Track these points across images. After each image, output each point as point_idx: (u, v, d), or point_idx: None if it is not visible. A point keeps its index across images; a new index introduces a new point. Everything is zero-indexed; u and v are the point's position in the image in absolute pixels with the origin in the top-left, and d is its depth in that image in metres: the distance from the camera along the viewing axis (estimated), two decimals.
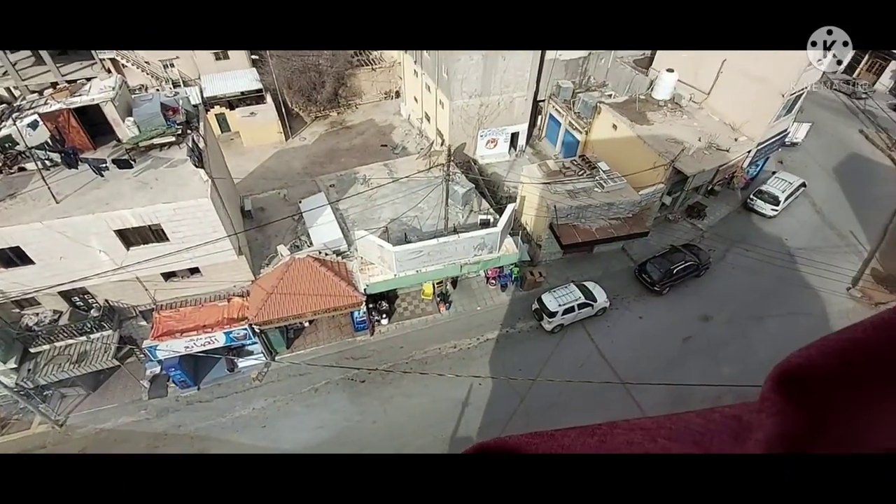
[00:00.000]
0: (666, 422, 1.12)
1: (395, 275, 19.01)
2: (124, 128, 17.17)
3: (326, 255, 19.37)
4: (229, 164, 22.83)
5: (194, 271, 18.59)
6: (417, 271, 19.25)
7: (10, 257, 15.42)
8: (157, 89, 27.67)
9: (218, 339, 17.25)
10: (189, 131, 17.77)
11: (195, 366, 18.55)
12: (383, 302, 20.62)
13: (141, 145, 17.09)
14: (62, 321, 17.69)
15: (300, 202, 23.01)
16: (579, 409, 17.33)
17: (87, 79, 25.76)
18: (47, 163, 16.16)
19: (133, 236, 16.20)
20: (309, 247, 19.94)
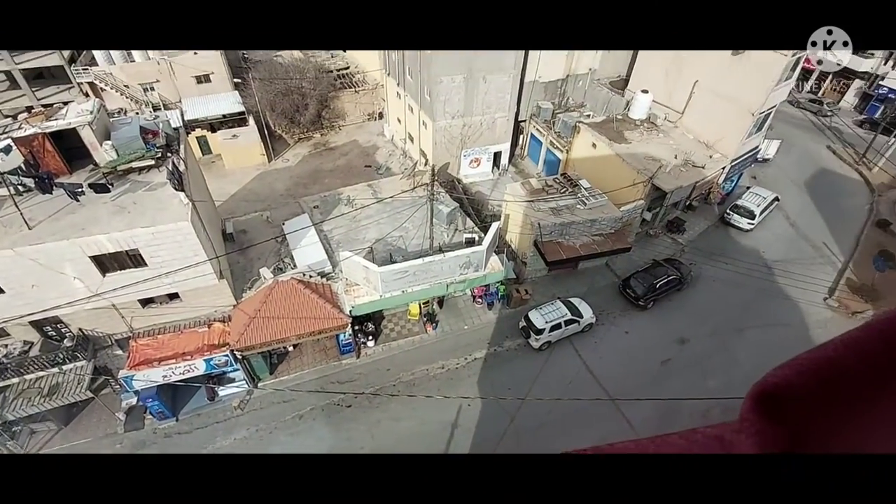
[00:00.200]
0: (650, 445, 1.13)
1: (380, 295, 18.82)
2: (102, 151, 16.88)
3: (311, 277, 19.11)
4: (211, 187, 22.58)
5: (174, 297, 18.12)
6: (403, 291, 19.11)
7: None
8: (137, 113, 27.43)
9: (198, 367, 16.71)
10: (169, 154, 17.56)
11: (173, 396, 17.89)
12: (369, 323, 20.34)
13: (119, 169, 16.81)
14: (33, 352, 16.96)
15: (283, 224, 22.79)
16: (570, 427, 17.18)
17: (63, 103, 25.40)
18: (20, 188, 15.73)
19: (109, 262, 15.76)
20: (293, 269, 19.65)
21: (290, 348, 19.69)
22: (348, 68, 38.47)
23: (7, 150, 15.36)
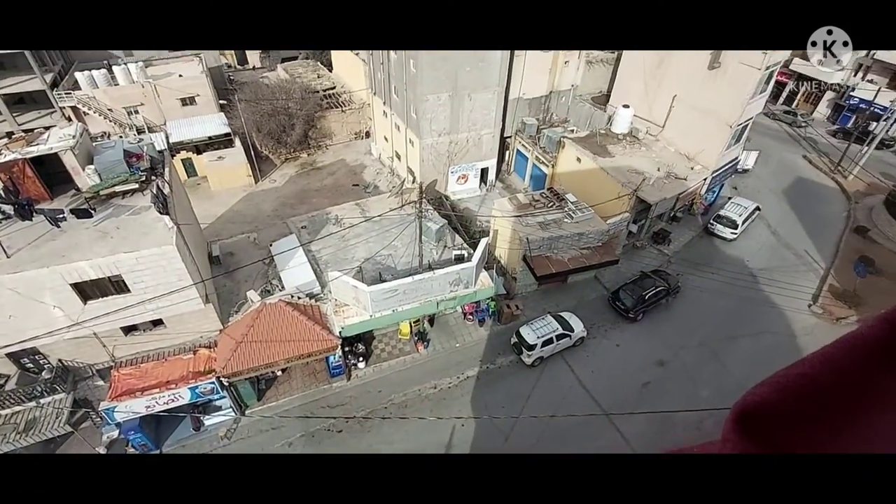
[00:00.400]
0: None
1: (370, 315, 18.62)
2: (84, 176, 16.60)
3: (299, 298, 18.86)
4: (196, 209, 22.30)
5: (157, 323, 17.67)
6: (394, 311, 18.93)
7: None
8: (121, 136, 27.15)
9: (183, 396, 16.24)
10: (153, 177, 17.35)
11: (157, 427, 17.34)
12: (359, 344, 20.07)
13: (102, 193, 16.52)
14: (9, 386, 16.35)
15: (271, 245, 22.55)
16: (565, 444, 17.00)
17: (45, 127, 25.06)
18: None
19: (91, 289, 15.36)
20: (280, 291, 19.38)
21: (279, 373, 19.29)
22: (334, 88, 38.76)
23: None
